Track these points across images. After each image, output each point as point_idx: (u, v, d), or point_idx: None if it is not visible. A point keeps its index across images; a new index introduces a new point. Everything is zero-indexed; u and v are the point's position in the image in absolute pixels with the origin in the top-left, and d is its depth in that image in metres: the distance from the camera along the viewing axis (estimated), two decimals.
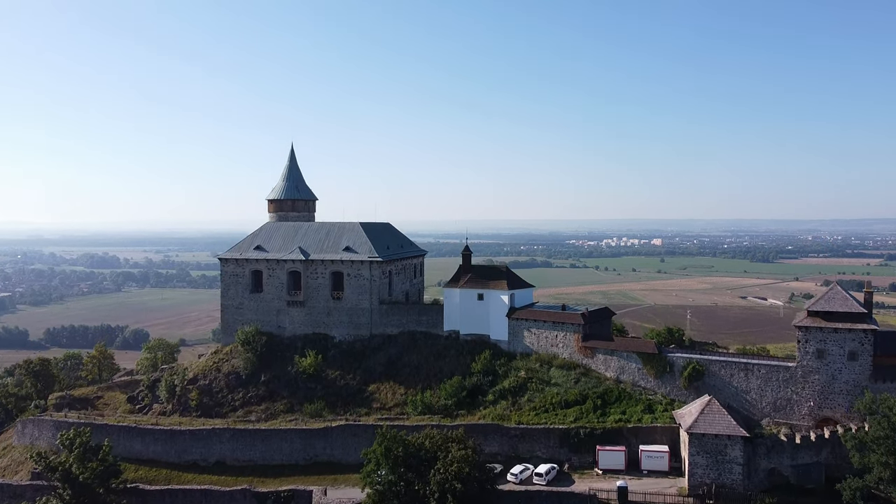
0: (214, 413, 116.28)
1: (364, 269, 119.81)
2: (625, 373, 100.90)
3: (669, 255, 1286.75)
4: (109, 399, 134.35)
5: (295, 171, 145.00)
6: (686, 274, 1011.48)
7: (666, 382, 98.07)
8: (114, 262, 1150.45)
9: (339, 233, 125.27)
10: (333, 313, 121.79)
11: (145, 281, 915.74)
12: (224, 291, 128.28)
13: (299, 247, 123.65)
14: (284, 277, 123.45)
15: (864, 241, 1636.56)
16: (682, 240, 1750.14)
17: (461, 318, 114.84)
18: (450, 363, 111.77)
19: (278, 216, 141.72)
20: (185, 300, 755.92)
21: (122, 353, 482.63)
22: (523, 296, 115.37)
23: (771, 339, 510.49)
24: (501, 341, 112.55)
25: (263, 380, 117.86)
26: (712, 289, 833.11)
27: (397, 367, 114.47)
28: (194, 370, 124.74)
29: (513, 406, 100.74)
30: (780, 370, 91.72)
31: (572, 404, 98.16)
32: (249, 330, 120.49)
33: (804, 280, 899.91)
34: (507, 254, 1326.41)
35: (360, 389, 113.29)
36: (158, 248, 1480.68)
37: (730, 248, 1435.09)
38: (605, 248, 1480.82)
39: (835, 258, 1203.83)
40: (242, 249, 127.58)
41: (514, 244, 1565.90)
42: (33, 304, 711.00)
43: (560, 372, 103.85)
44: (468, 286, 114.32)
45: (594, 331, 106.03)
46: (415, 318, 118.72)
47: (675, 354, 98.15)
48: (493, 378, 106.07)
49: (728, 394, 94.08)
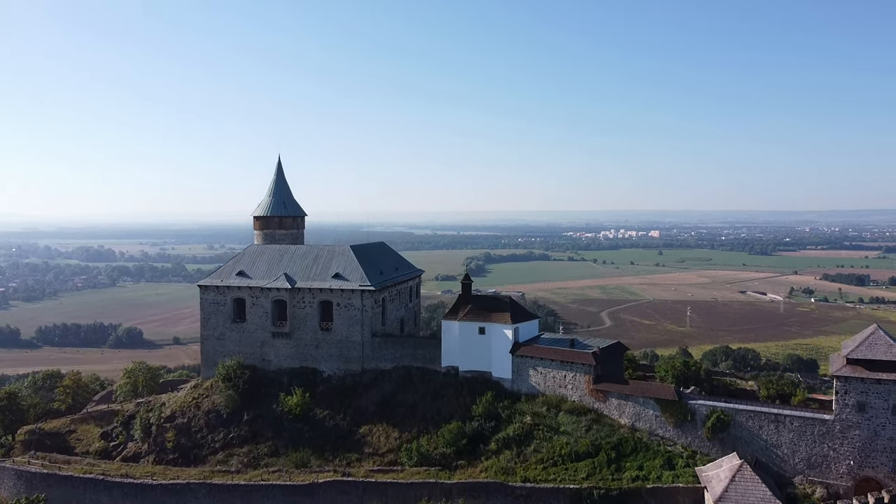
0: (193, 456, 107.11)
1: (355, 298, 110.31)
2: (641, 420, 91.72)
3: (667, 248, 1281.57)
4: (83, 433, 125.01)
5: (282, 185, 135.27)
6: (684, 267, 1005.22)
7: (687, 432, 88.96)
8: (109, 255, 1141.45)
9: (328, 258, 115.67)
10: (322, 346, 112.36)
11: (140, 275, 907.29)
12: (204, 321, 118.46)
13: (285, 273, 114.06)
14: (269, 306, 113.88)
15: (861, 232, 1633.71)
16: (679, 231, 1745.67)
17: (461, 353, 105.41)
18: (448, 404, 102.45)
19: (264, 234, 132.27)
20: (180, 295, 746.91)
21: (114, 352, 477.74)
22: (528, 329, 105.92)
23: (771, 336, 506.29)
24: (504, 380, 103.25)
25: (246, 419, 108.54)
26: (711, 283, 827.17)
27: (391, 407, 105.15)
28: (172, 406, 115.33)
29: (518, 457, 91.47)
30: (816, 423, 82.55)
31: (583, 456, 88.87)
32: (231, 364, 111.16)
33: (803, 273, 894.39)
34: (505, 246, 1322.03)
35: (351, 431, 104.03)
36: (154, 241, 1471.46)
37: (728, 240, 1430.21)
38: (602, 240, 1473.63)
39: (833, 250, 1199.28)
40: (223, 275, 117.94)
41: (511, 236, 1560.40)
42: (26, 300, 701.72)
43: (569, 418, 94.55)
44: (468, 319, 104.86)
45: (606, 370, 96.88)
46: (410, 353, 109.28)
47: (697, 402, 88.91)
48: (496, 423, 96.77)
49: (756, 447, 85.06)
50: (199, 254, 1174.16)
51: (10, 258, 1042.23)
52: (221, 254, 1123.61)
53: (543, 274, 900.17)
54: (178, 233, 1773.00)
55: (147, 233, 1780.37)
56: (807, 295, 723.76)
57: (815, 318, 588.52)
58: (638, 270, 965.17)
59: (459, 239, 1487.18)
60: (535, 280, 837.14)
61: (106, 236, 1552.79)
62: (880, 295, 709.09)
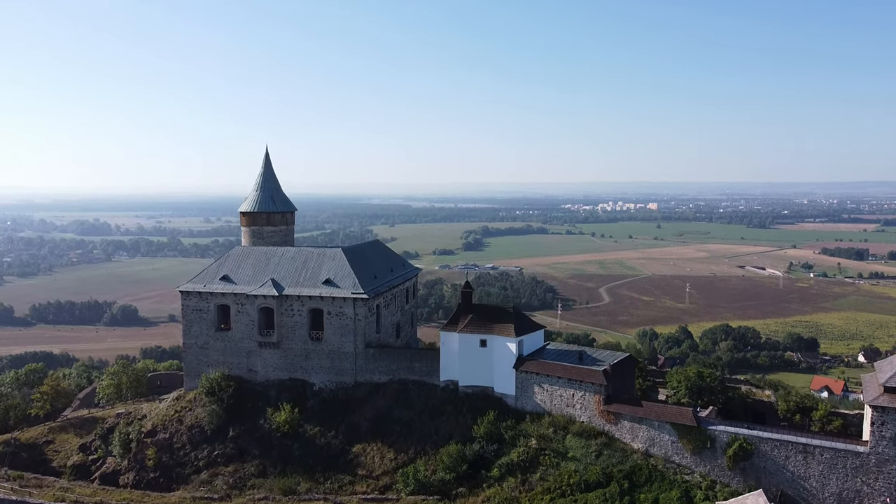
0: (175, 475, 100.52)
1: (347, 306, 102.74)
2: (655, 445, 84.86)
3: (666, 221, 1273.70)
4: (61, 444, 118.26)
5: (270, 179, 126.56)
6: (683, 241, 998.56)
7: (706, 460, 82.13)
8: (104, 228, 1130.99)
9: (318, 262, 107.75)
10: (312, 356, 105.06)
11: (136, 250, 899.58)
12: (186, 329, 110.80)
13: (272, 279, 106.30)
14: (255, 314, 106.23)
15: (859, 204, 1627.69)
16: (677, 203, 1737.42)
17: (461, 367, 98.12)
18: (447, 422, 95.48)
19: (252, 231, 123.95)
20: (177, 271, 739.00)
21: (109, 330, 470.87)
22: (533, 340, 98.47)
23: (771, 313, 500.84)
24: (508, 396, 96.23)
25: (232, 435, 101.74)
26: (710, 257, 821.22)
27: (386, 424, 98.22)
28: (153, 419, 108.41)
29: (522, 485, 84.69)
30: (849, 456, 75.60)
31: (594, 486, 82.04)
32: (215, 376, 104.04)
33: (802, 247, 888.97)
34: (503, 219, 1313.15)
35: (343, 450, 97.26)
36: (150, 214, 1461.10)
37: (725, 212, 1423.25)
38: (600, 212, 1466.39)
39: (831, 223, 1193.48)
40: (206, 280, 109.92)
41: (509, 209, 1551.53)
42: (21, 275, 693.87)
43: (578, 441, 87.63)
44: (469, 330, 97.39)
45: (618, 387, 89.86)
46: (406, 365, 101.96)
47: (717, 428, 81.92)
48: (499, 446, 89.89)
49: (782, 479, 78.30)
50: (196, 227, 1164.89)
51: (4, 232, 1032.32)
52: (218, 227, 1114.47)
53: (541, 248, 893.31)
54: (175, 205, 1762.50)
55: (143, 205, 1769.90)
56: (806, 270, 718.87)
57: (815, 293, 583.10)
58: (636, 244, 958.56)
59: (457, 212, 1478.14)
60: (533, 254, 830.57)
61: (102, 209, 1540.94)
62: (879, 270, 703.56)
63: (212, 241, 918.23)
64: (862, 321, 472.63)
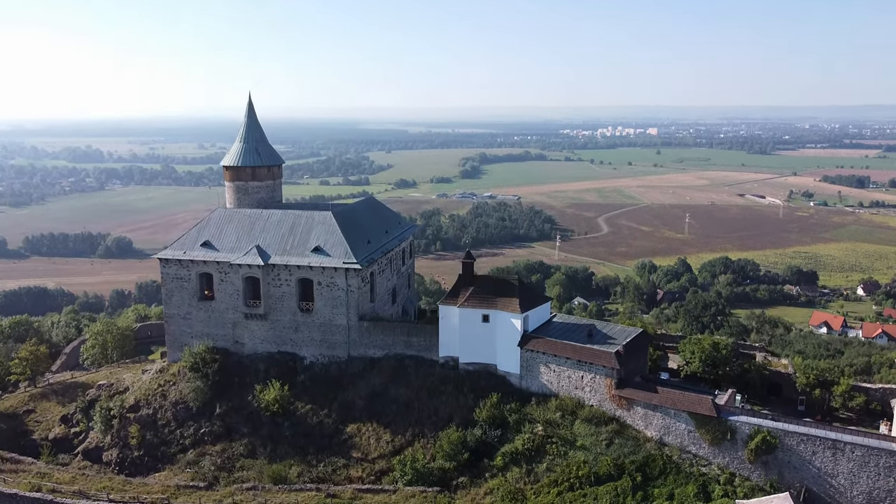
0: (160, 454, 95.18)
1: (339, 277, 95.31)
2: (671, 434, 79.04)
3: (666, 147, 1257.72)
4: (42, 412, 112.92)
5: (255, 129, 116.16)
6: (682, 168, 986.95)
7: (725, 451, 76.45)
8: (97, 156, 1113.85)
9: (306, 226, 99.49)
10: (302, 329, 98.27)
11: (129, 178, 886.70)
12: (167, 298, 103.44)
13: (257, 245, 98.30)
14: (240, 284, 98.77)
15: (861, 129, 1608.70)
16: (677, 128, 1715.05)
17: (461, 343, 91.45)
18: (447, 402, 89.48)
19: (236, 186, 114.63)
20: (171, 200, 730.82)
21: (104, 262, 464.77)
22: (538, 315, 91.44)
23: (770, 243, 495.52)
24: (512, 375, 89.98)
25: (219, 412, 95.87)
26: (710, 185, 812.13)
27: (382, 403, 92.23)
28: (136, 393, 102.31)
29: (527, 476, 79.22)
30: (883, 454, 69.77)
31: (604, 479, 76.48)
32: (199, 350, 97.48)
33: (802, 175, 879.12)
34: (501, 145, 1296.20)
35: (337, 430, 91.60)
36: (143, 140, 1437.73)
37: (726, 137, 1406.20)
38: (599, 138, 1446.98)
39: (832, 149, 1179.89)
40: (186, 246, 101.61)
41: (507, 134, 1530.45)
42: (13, 205, 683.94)
43: (587, 428, 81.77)
44: (470, 304, 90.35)
45: (630, 369, 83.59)
46: (403, 340, 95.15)
47: (738, 419, 75.92)
48: (503, 431, 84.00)
49: (808, 475, 72.78)
50: (190, 153, 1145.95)
51: None
52: (212, 153, 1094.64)
53: (539, 176, 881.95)
54: (168, 130, 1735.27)
55: (135, 130, 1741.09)
56: (806, 198, 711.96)
57: (814, 223, 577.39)
58: (635, 171, 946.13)
59: (455, 137, 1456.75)
60: (531, 182, 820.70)
61: (94, 134, 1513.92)
62: (880, 198, 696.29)
63: (206, 169, 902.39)
64: (861, 252, 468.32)
